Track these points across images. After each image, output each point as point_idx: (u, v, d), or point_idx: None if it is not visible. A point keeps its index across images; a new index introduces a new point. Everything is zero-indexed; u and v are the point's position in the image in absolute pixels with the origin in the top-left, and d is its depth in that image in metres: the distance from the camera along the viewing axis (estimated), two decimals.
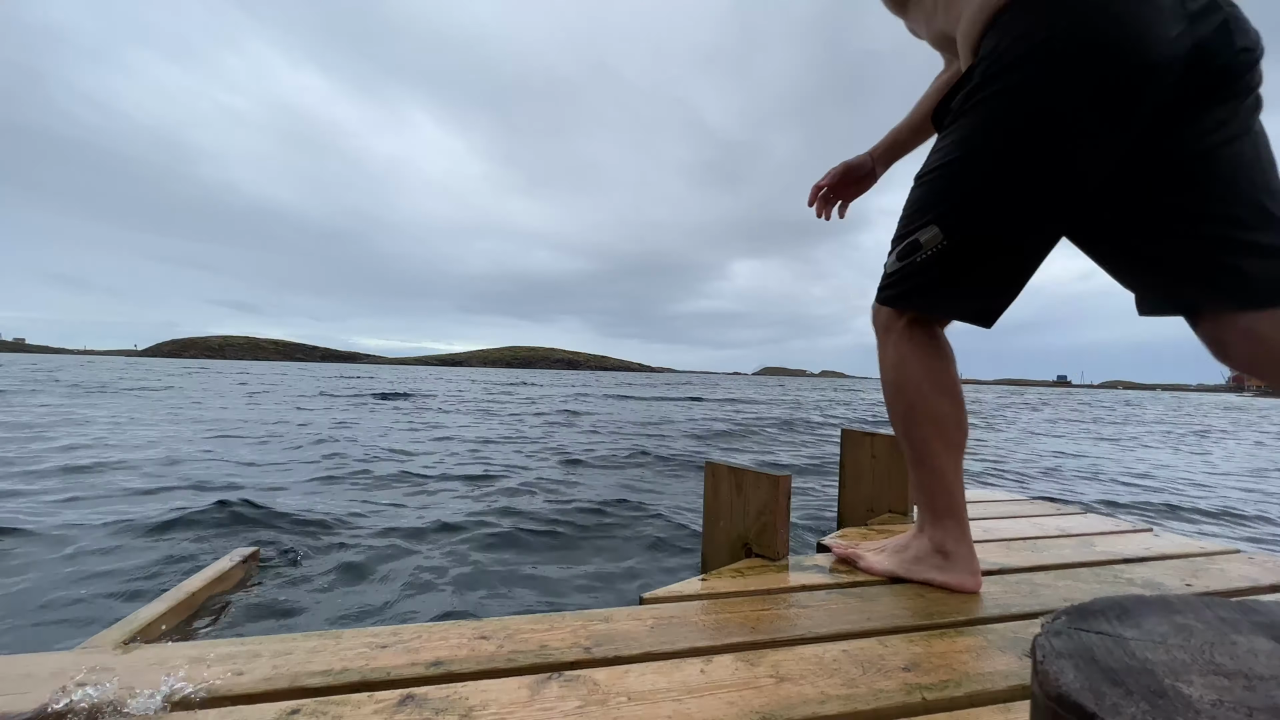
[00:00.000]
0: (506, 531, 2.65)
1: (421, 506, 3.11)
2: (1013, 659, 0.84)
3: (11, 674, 0.71)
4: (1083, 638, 0.31)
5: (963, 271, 0.86)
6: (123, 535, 2.42)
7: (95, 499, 3.04)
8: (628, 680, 0.75)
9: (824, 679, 0.76)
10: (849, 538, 1.52)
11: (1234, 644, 0.30)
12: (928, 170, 0.90)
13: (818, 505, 3.36)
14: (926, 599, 1.08)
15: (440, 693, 0.70)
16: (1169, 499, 4.24)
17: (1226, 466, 6.37)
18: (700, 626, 0.92)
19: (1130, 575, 1.28)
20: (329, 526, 2.64)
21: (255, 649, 0.79)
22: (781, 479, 1.25)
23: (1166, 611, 0.33)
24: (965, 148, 0.83)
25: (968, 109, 0.83)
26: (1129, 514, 3.61)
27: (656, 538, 2.65)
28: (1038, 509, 2.01)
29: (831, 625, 0.94)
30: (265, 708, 0.66)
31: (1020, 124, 0.76)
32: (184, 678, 0.71)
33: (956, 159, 0.83)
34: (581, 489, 3.72)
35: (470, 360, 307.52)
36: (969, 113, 0.83)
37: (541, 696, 0.70)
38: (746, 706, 0.69)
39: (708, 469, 1.41)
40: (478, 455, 5.11)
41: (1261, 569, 1.36)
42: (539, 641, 0.85)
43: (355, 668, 0.75)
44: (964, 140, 0.83)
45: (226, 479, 3.62)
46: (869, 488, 1.83)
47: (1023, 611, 1.03)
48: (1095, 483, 4.95)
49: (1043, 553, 1.45)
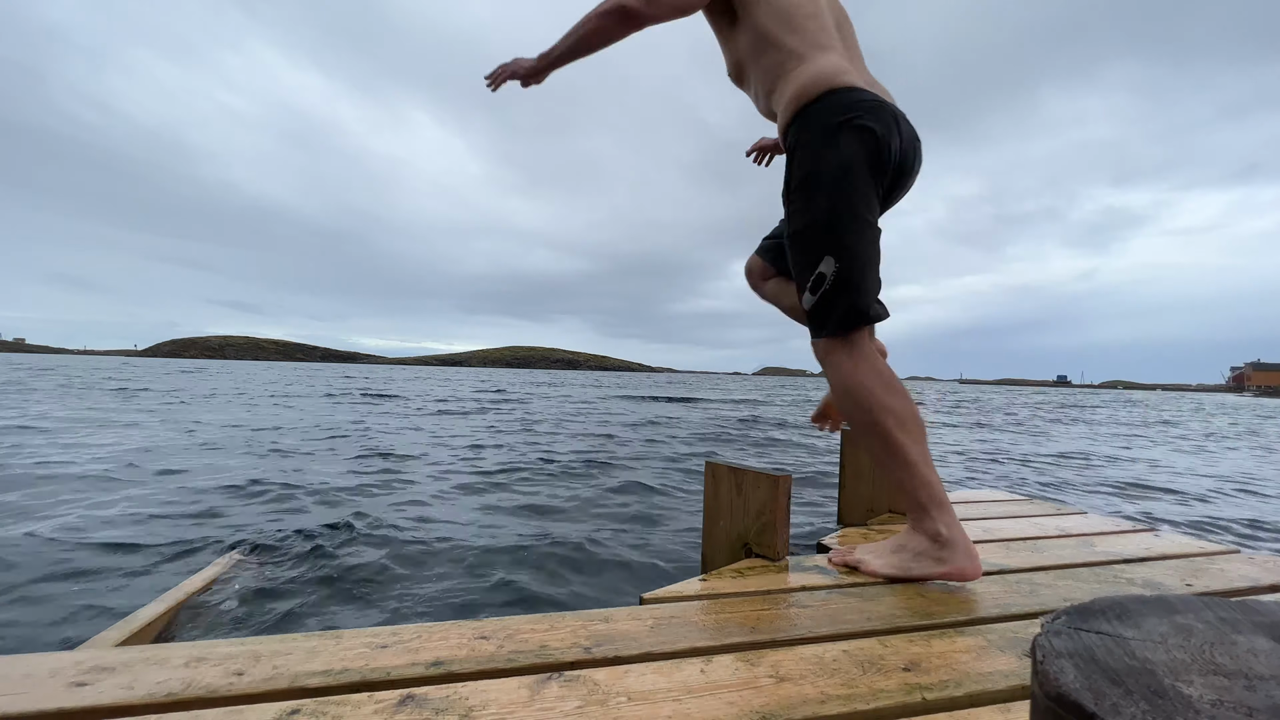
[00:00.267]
0: (507, 532, 2.65)
1: (422, 507, 3.10)
2: (1013, 659, 0.84)
3: (11, 674, 0.71)
4: (1083, 638, 0.31)
5: (860, 278, 1.13)
6: (129, 529, 2.42)
7: (90, 499, 3.04)
8: (628, 680, 0.75)
9: (824, 679, 0.76)
10: (849, 538, 1.52)
11: (1234, 644, 0.30)
12: (799, 230, 1.17)
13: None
14: (926, 599, 1.08)
15: (440, 693, 0.70)
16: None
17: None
18: (700, 626, 0.92)
19: (1130, 575, 1.28)
20: (329, 526, 2.64)
21: (255, 649, 0.79)
22: (781, 479, 1.25)
23: (1166, 611, 0.33)
24: (816, 203, 1.13)
25: (802, 179, 1.15)
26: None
27: (656, 538, 2.65)
28: (1038, 509, 2.01)
29: (831, 625, 0.94)
30: (265, 708, 0.66)
31: (837, 172, 1.12)
32: (184, 678, 0.71)
33: (816, 212, 1.13)
34: (582, 489, 3.72)
35: (470, 360, 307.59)
36: (805, 181, 1.15)
37: (541, 696, 0.70)
38: (746, 706, 0.69)
39: (708, 469, 1.41)
40: (478, 455, 5.11)
41: (1261, 569, 1.36)
42: (539, 641, 0.85)
43: (355, 668, 0.75)
44: (811, 200, 1.14)
45: (231, 480, 3.62)
46: (869, 488, 1.83)
47: (1023, 611, 1.03)
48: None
49: (1043, 553, 1.45)
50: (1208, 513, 3.84)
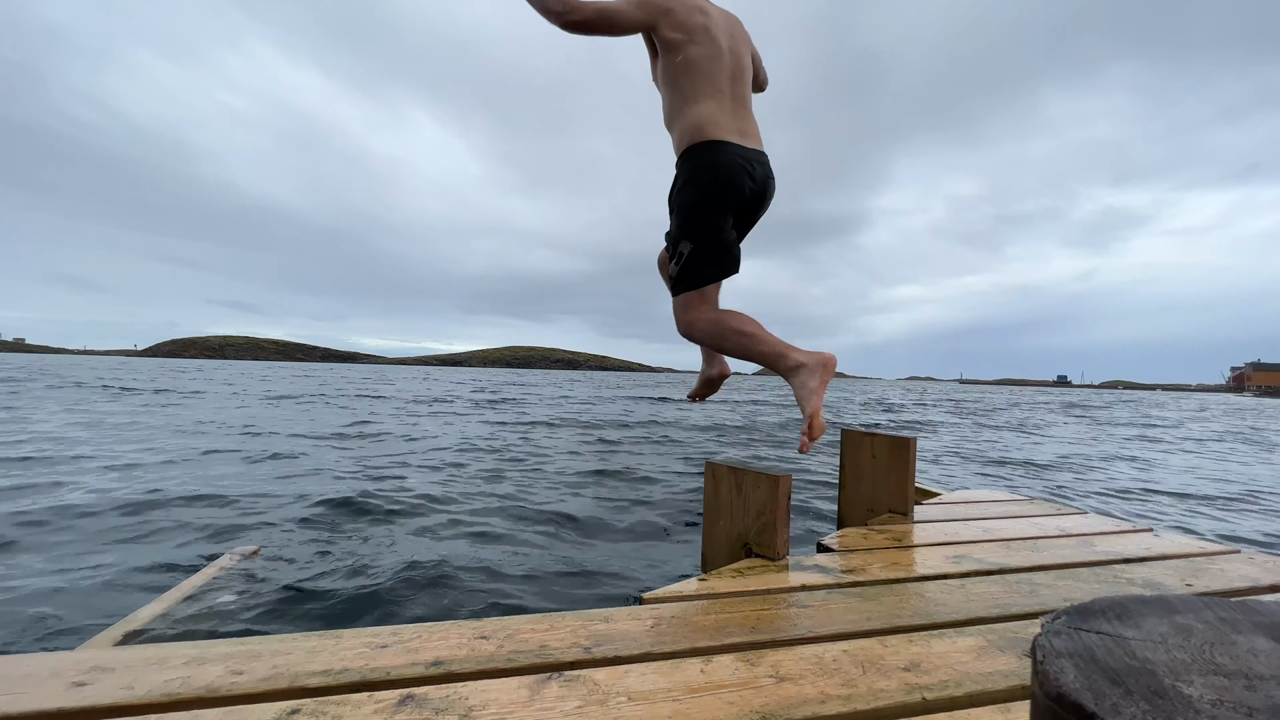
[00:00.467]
0: (507, 531, 2.65)
1: (422, 507, 3.10)
2: (1013, 659, 0.84)
3: (12, 674, 0.71)
4: (1083, 638, 0.31)
5: (707, 256, 1.62)
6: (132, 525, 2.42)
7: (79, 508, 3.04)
8: (628, 680, 0.74)
9: (824, 679, 0.76)
10: (849, 538, 1.52)
11: (1234, 644, 0.30)
12: (672, 229, 1.67)
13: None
14: (926, 599, 1.08)
15: (440, 693, 0.70)
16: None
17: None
18: (700, 626, 0.92)
19: (1130, 575, 1.28)
20: (330, 526, 2.64)
21: (255, 649, 0.79)
22: (781, 479, 1.25)
23: (1166, 611, 0.33)
24: (682, 214, 1.62)
25: (681, 196, 1.63)
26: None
27: (656, 537, 2.65)
28: (1038, 509, 2.01)
29: (831, 625, 0.94)
30: (265, 708, 0.66)
31: (696, 199, 1.60)
32: (184, 678, 0.71)
33: (681, 219, 1.63)
34: (582, 488, 3.72)
35: (470, 360, 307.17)
36: (680, 198, 1.64)
37: (541, 696, 0.70)
38: (746, 706, 0.69)
39: (708, 469, 1.41)
40: (477, 455, 5.11)
41: (1261, 569, 1.36)
42: (539, 641, 0.85)
43: (355, 668, 0.75)
44: (679, 211, 1.64)
45: (234, 479, 3.62)
46: (869, 487, 1.83)
47: (1023, 611, 1.03)
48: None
49: (1043, 553, 1.45)
50: (1207, 513, 3.84)
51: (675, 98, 1.66)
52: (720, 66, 1.65)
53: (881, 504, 1.81)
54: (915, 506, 1.84)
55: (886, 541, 1.50)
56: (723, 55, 1.67)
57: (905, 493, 1.76)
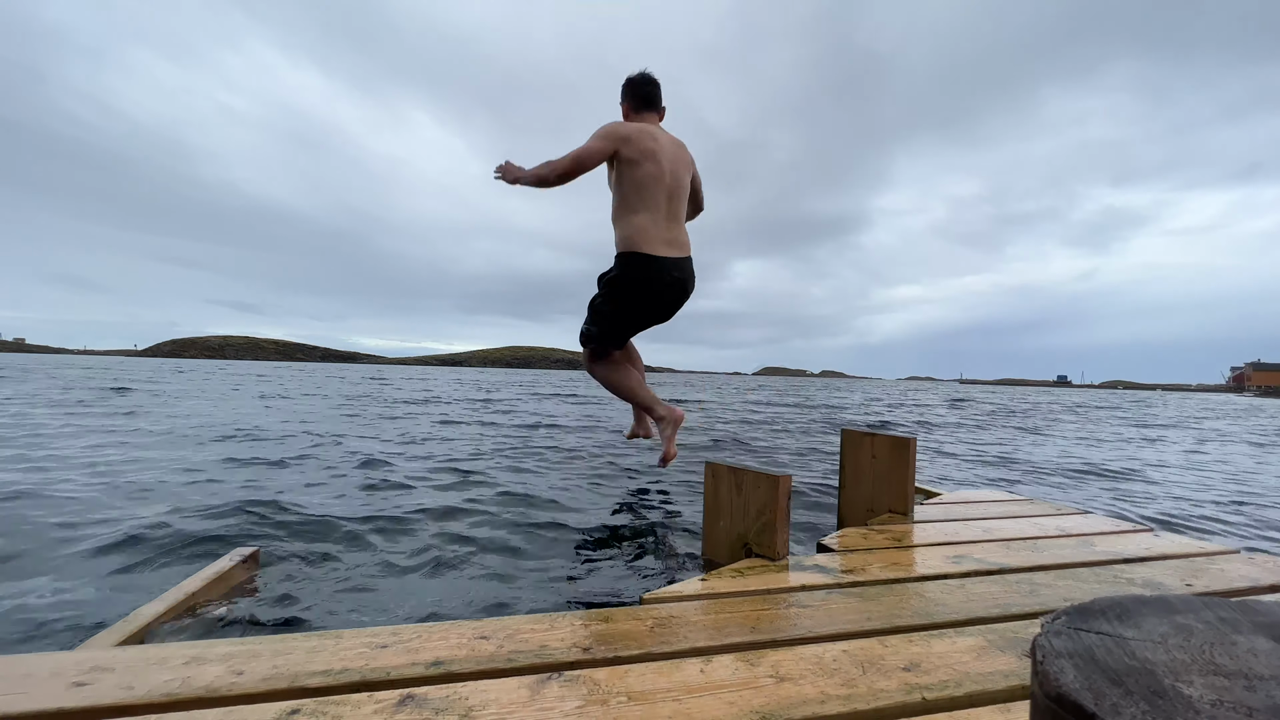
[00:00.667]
0: (507, 532, 2.65)
1: (421, 507, 3.10)
2: (1013, 659, 0.84)
3: (12, 674, 0.71)
4: (1083, 638, 0.31)
5: (607, 340, 2.20)
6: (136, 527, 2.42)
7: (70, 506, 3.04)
8: (628, 680, 0.75)
9: (824, 679, 0.76)
10: (849, 538, 1.52)
11: (1234, 644, 0.30)
12: (596, 306, 2.20)
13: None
14: (926, 599, 1.08)
15: (440, 693, 0.70)
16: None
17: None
18: (700, 626, 0.92)
19: (1130, 575, 1.28)
20: (329, 526, 2.64)
21: (255, 649, 0.79)
22: (781, 479, 1.25)
23: (1166, 611, 0.33)
24: (607, 301, 2.14)
25: (607, 287, 2.16)
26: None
27: (656, 537, 2.65)
28: (1038, 509, 2.01)
29: (831, 625, 0.94)
30: (265, 708, 0.66)
31: (617, 295, 2.14)
32: (183, 678, 0.71)
33: (599, 304, 2.18)
34: (582, 488, 3.72)
35: (470, 360, 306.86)
36: (606, 288, 2.17)
37: (541, 696, 0.70)
38: (746, 706, 0.69)
39: (708, 469, 1.42)
40: (476, 455, 5.11)
41: (1261, 569, 1.36)
42: (539, 641, 0.85)
43: (355, 668, 0.75)
44: (606, 295, 2.16)
45: (240, 481, 3.62)
46: (869, 488, 1.83)
47: (1023, 611, 1.03)
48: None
49: (1043, 553, 1.45)
50: (1207, 513, 3.84)
51: (620, 204, 2.08)
52: (660, 186, 2.05)
53: (881, 504, 1.81)
54: (915, 506, 1.84)
55: (886, 541, 1.50)
56: (664, 176, 2.06)
57: (905, 493, 1.76)
